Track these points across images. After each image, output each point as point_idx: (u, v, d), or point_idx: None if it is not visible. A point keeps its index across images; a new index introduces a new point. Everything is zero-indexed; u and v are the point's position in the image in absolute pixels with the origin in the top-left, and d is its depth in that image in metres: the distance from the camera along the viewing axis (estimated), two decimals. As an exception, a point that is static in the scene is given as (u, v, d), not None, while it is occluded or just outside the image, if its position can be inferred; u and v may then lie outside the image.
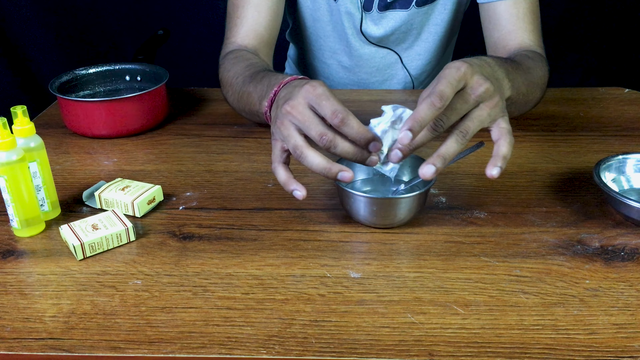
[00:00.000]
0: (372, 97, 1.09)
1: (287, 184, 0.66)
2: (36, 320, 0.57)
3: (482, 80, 0.62)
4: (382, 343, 0.54)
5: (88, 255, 0.66)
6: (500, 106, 0.64)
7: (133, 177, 0.82)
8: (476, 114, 0.62)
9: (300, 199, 0.65)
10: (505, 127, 0.64)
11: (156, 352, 0.53)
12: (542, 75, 0.90)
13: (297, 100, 0.64)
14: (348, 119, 0.61)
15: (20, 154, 0.66)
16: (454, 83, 0.60)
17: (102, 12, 1.97)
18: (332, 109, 0.61)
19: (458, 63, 0.62)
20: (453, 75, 0.60)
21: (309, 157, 0.63)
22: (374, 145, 0.62)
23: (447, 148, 0.62)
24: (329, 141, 0.62)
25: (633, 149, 0.88)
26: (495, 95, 0.63)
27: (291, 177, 0.66)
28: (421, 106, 0.59)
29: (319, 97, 0.62)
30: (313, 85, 0.63)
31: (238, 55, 0.96)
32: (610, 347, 0.53)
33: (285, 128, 0.65)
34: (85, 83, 1.03)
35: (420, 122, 0.59)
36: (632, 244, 0.67)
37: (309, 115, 0.63)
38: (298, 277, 0.63)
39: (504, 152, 0.63)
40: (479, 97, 0.62)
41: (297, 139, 0.64)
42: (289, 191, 0.66)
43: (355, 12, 1.10)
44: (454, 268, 0.64)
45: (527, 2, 0.98)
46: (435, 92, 0.59)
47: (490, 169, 0.63)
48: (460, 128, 0.62)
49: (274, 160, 0.67)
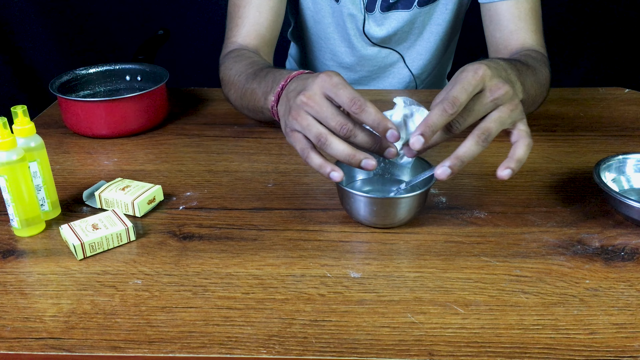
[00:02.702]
0: (373, 97, 1.09)
1: (324, 166, 0.64)
2: (36, 320, 0.57)
3: (501, 83, 0.61)
4: (382, 343, 0.54)
5: (88, 255, 0.66)
6: (520, 109, 0.63)
7: (133, 177, 0.82)
8: (497, 115, 0.61)
9: (338, 180, 0.63)
10: (525, 130, 0.63)
11: (156, 351, 0.53)
12: (546, 75, 0.90)
13: (313, 91, 0.63)
14: (366, 106, 0.60)
15: (21, 154, 0.66)
16: (469, 89, 0.59)
17: (102, 12, 1.97)
18: (351, 97, 0.61)
19: (476, 65, 0.61)
20: (469, 80, 0.60)
21: (334, 144, 0.62)
22: (391, 133, 0.60)
23: (466, 150, 0.61)
24: (349, 130, 0.61)
25: (633, 149, 0.88)
26: (515, 99, 0.62)
27: (326, 160, 0.64)
28: (434, 111, 0.59)
29: (336, 86, 0.62)
30: (329, 74, 0.63)
31: (240, 54, 0.96)
32: (610, 347, 0.53)
33: (302, 119, 0.63)
34: (85, 83, 1.03)
35: (432, 127, 0.59)
36: (632, 244, 0.67)
37: (326, 105, 0.62)
38: (298, 277, 0.63)
39: (519, 155, 0.62)
40: (497, 100, 0.61)
41: (320, 127, 0.63)
42: (326, 174, 0.64)
43: (358, 13, 1.10)
44: (454, 268, 0.64)
45: (529, 2, 0.98)
46: (449, 98, 0.58)
47: (501, 170, 0.62)
48: (482, 129, 0.61)
49: (303, 148, 0.65)
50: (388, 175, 0.76)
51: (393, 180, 0.76)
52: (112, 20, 1.98)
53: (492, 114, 0.62)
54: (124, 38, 1.96)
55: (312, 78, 0.65)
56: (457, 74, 0.61)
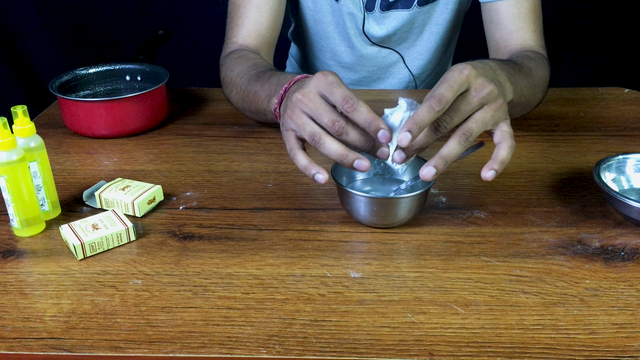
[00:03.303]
0: (373, 97, 1.09)
1: (309, 167, 0.64)
2: (36, 320, 0.57)
3: (486, 82, 0.62)
4: (382, 343, 0.54)
5: (88, 255, 0.66)
6: (504, 109, 0.64)
7: (133, 177, 0.82)
8: (479, 115, 0.62)
9: (322, 182, 0.64)
10: (507, 131, 0.64)
11: (156, 351, 0.53)
12: (544, 76, 0.90)
13: (309, 89, 0.64)
14: (359, 105, 0.60)
15: (21, 154, 0.66)
16: (454, 86, 0.60)
17: (102, 12, 1.97)
18: (344, 95, 0.61)
19: (461, 65, 0.62)
20: (455, 78, 0.60)
21: (327, 144, 0.63)
22: (383, 134, 0.60)
23: (449, 150, 0.62)
24: (341, 128, 0.61)
25: (633, 149, 0.88)
26: (499, 98, 0.63)
27: (312, 162, 0.65)
28: (420, 108, 0.60)
29: (330, 85, 0.62)
30: (325, 73, 0.63)
31: (241, 54, 0.96)
32: (610, 347, 0.53)
33: (297, 117, 0.64)
34: (85, 83, 1.03)
35: (419, 124, 0.59)
36: (632, 244, 0.67)
37: (320, 103, 0.63)
38: (298, 276, 0.63)
39: (502, 156, 0.63)
40: (482, 99, 0.62)
41: (314, 126, 0.63)
42: (311, 175, 0.64)
43: (358, 12, 1.10)
44: (454, 268, 0.64)
45: (529, 2, 0.98)
46: (435, 95, 0.59)
47: (485, 171, 0.63)
48: (463, 130, 0.62)
49: (292, 148, 0.66)
50: (388, 175, 0.76)
51: (393, 180, 0.76)
52: (112, 20, 1.98)
53: (475, 115, 0.62)
54: (124, 38, 1.96)
55: (309, 78, 0.66)
56: (444, 75, 0.62)
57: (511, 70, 0.76)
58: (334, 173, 0.70)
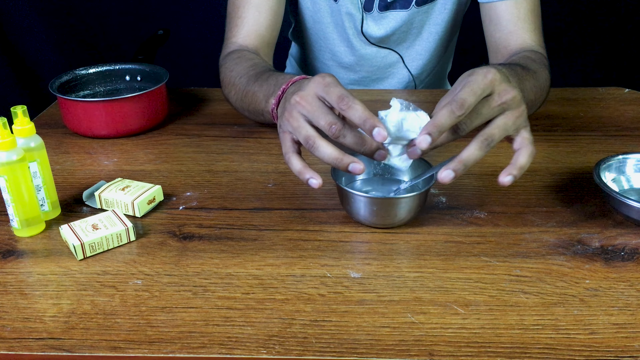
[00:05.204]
0: (372, 97, 1.09)
1: (302, 172, 0.64)
2: (36, 320, 0.57)
3: (509, 88, 0.61)
4: (382, 343, 0.54)
5: (88, 255, 0.66)
6: (525, 116, 0.63)
7: (133, 177, 0.82)
8: (501, 121, 0.62)
9: (316, 187, 0.64)
10: (528, 138, 0.64)
11: (156, 352, 0.53)
12: (546, 78, 0.90)
13: (306, 91, 0.64)
14: (354, 103, 0.60)
15: (21, 154, 0.66)
16: (477, 92, 0.59)
17: (102, 12, 1.97)
18: (339, 94, 0.61)
19: (485, 69, 0.61)
20: (479, 83, 0.59)
21: (321, 148, 0.62)
22: (378, 131, 0.59)
23: (469, 154, 0.61)
24: (338, 130, 0.61)
25: (633, 149, 0.88)
26: (521, 105, 0.63)
27: (306, 166, 0.65)
28: (442, 112, 0.59)
29: (327, 86, 0.62)
30: (323, 76, 0.63)
31: (240, 55, 0.96)
32: (610, 347, 0.53)
33: (294, 119, 0.64)
34: (85, 83, 1.03)
35: (439, 127, 0.59)
36: (632, 244, 0.67)
37: (318, 105, 0.62)
38: (298, 277, 0.63)
39: (522, 163, 0.63)
40: (505, 105, 0.61)
41: (309, 130, 0.63)
42: (304, 180, 0.64)
43: (356, 12, 1.10)
44: (454, 268, 0.64)
45: (528, 2, 0.98)
46: (457, 100, 0.58)
47: (503, 176, 0.62)
48: (485, 135, 0.61)
49: (287, 151, 0.66)
50: (388, 175, 0.76)
51: (393, 180, 0.76)
52: (112, 20, 1.98)
53: (496, 120, 0.62)
54: (124, 38, 1.96)
55: (308, 80, 0.65)
56: (464, 76, 0.61)
57: (520, 75, 0.76)
58: (334, 173, 0.70)
